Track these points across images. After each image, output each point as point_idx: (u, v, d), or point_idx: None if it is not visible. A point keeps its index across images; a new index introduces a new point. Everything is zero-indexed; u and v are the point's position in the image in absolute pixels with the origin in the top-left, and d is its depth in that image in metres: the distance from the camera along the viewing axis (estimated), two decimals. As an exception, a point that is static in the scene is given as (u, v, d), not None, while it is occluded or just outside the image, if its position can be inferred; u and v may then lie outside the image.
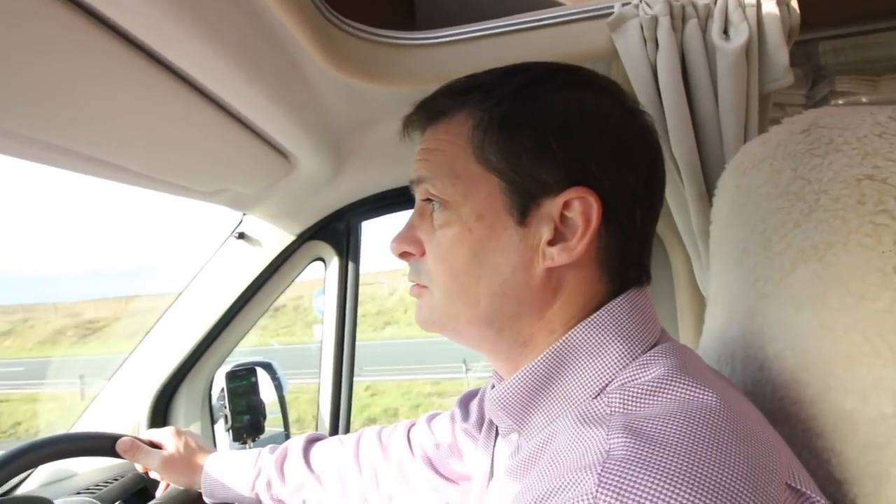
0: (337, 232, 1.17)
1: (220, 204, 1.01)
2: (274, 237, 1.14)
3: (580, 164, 0.43)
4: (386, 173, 1.11)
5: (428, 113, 0.49)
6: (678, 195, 0.74)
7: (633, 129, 0.46)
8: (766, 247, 0.48)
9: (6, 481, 0.77)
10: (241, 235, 1.12)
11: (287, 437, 1.29)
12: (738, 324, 0.54)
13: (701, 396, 0.36)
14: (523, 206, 0.43)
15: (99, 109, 0.63)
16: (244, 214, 1.12)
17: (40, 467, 1.05)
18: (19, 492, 1.02)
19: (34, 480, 1.04)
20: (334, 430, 1.20)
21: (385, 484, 0.79)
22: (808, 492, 0.34)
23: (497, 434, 0.55)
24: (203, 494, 0.85)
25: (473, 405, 0.73)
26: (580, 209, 0.42)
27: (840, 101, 0.93)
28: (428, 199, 0.47)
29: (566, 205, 0.42)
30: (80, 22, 0.46)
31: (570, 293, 0.44)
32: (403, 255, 0.49)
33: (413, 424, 0.83)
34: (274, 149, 0.89)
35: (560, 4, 0.77)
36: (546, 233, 0.43)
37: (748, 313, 0.51)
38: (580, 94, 0.45)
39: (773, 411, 0.45)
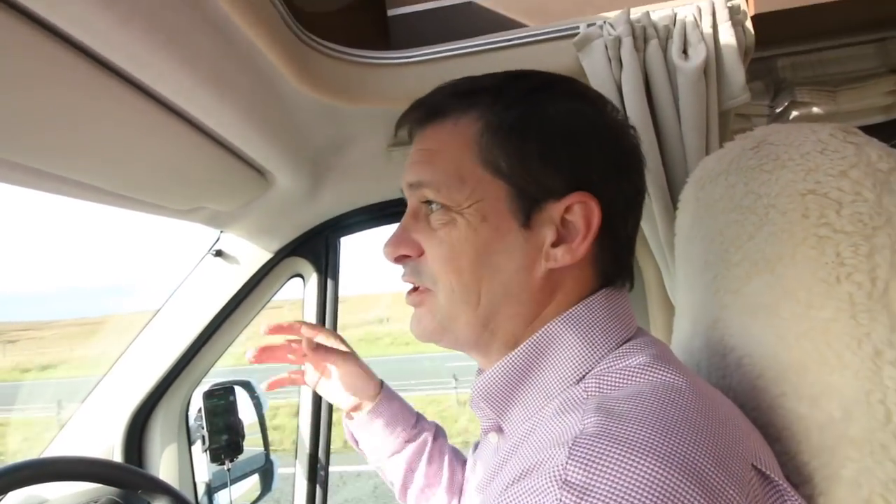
0: (315, 248, 1.18)
1: (196, 222, 1.00)
2: (252, 254, 1.13)
3: (583, 170, 0.45)
4: (363, 190, 1.12)
5: (428, 112, 0.49)
6: (646, 208, 0.76)
7: (627, 141, 0.48)
8: (723, 258, 0.49)
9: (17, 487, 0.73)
10: (219, 253, 1.12)
11: (267, 457, 1.27)
12: (702, 334, 0.55)
13: (674, 380, 0.38)
14: (528, 210, 0.45)
15: (70, 129, 0.63)
16: (221, 232, 1.12)
17: (11, 494, 1.02)
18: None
19: (3, 509, 1.01)
20: (314, 450, 1.19)
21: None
22: (774, 476, 0.35)
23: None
24: (369, 417, 0.73)
25: None
26: (581, 213, 0.44)
27: (799, 112, 0.97)
28: (427, 202, 0.47)
29: (567, 209, 0.44)
30: (49, 43, 0.46)
31: (565, 294, 0.46)
32: (399, 260, 0.50)
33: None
34: (250, 167, 0.89)
35: (527, 26, 0.80)
36: (549, 235, 0.44)
37: (711, 323, 0.53)
38: (580, 104, 0.47)
39: (735, 418, 0.46)
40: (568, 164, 0.44)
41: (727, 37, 0.69)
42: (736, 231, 0.47)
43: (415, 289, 0.50)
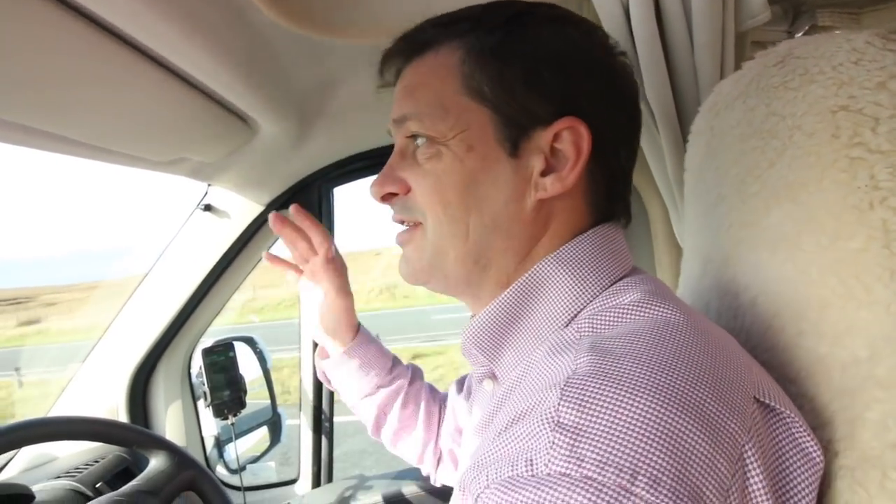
0: (308, 200, 1.13)
1: (180, 175, 0.96)
2: (242, 208, 1.10)
3: (571, 96, 0.42)
4: (355, 135, 1.07)
5: (410, 45, 0.47)
6: (653, 142, 0.71)
7: (618, 67, 0.46)
8: (739, 190, 0.45)
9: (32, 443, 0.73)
10: (208, 207, 1.08)
11: (274, 410, 1.28)
12: (712, 273, 0.52)
13: (670, 315, 0.36)
14: (515, 138, 0.43)
15: (35, 76, 0.58)
16: (209, 185, 1.07)
17: (21, 453, 1.03)
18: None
19: (14, 466, 1.03)
20: (317, 403, 1.20)
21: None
22: (779, 406, 0.33)
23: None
24: (342, 358, 0.72)
25: (466, 380, 0.73)
26: (571, 139, 0.42)
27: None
28: (412, 136, 0.45)
29: (556, 136, 0.42)
30: None
31: (559, 226, 0.44)
32: (386, 199, 0.48)
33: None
34: (231, 112, 0.84)
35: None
36: (538, 164, 0.43)
37: (722, 261, 0.49)
38: (565, 27, 0.44)
39: (747, 360, 0.43)
40: (554, 88, 0.42)
41: (747, -55, 0.61)
42: (754, 159, 0.43)
43: (404, 227, 0.48)
